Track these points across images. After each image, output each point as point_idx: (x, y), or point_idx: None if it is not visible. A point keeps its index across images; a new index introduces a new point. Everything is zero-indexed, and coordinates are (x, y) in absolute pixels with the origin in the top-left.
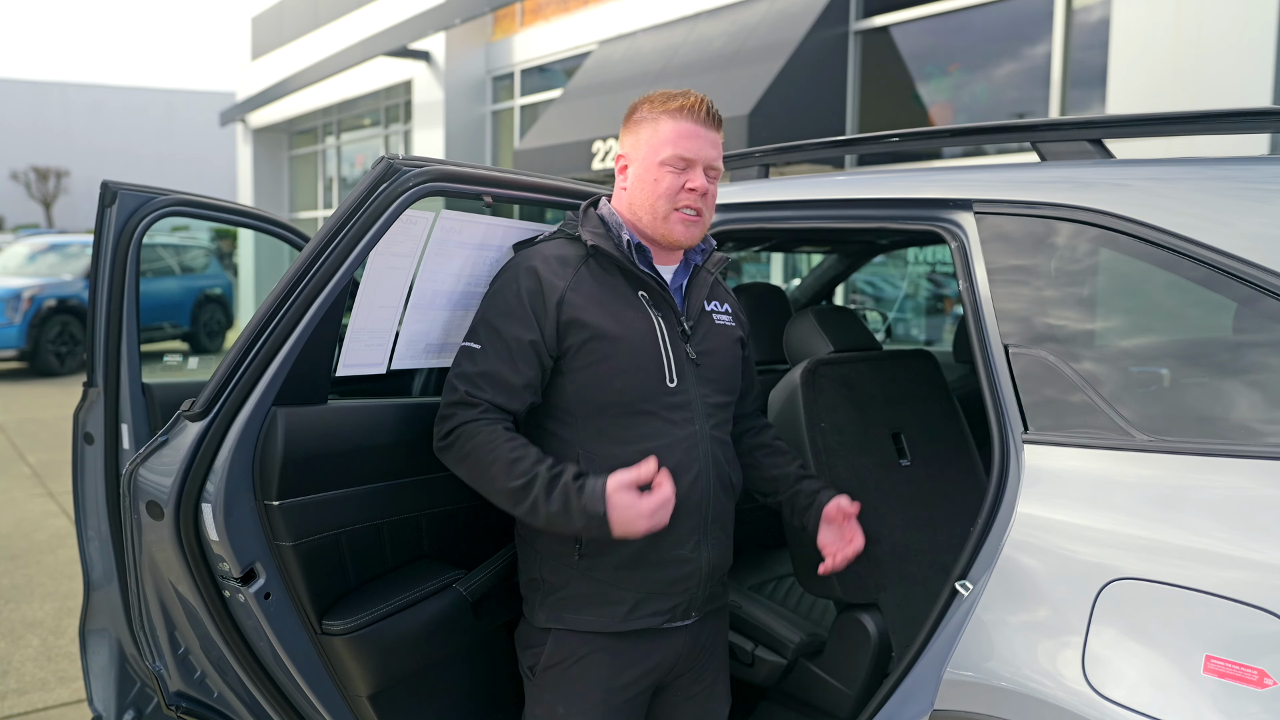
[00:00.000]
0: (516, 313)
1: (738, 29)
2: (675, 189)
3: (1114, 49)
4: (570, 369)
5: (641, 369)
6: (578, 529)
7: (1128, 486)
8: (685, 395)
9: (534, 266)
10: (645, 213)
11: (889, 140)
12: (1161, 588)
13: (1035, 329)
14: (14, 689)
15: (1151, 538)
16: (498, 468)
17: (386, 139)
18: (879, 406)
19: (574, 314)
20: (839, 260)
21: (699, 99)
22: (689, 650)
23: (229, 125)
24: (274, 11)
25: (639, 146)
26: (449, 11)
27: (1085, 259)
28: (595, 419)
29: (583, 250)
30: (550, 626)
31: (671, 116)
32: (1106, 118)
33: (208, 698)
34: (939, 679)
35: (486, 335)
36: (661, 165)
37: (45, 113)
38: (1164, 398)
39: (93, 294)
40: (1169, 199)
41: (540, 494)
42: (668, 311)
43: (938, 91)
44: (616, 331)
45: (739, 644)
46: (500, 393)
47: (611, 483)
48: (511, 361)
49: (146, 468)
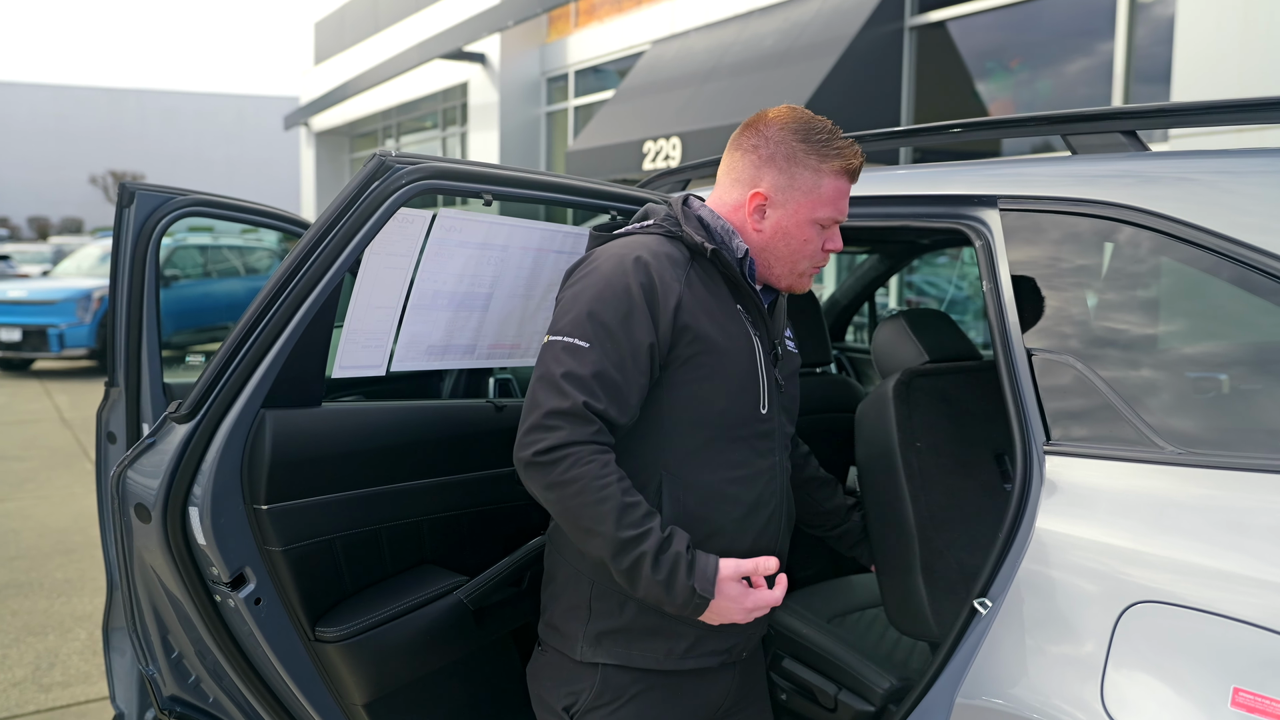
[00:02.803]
0: (632, 310)
1: (790, 26)
2: (819, 249)
3: (1179, 45)
4: (672, 381)
5: (743, 390)
6: (673, 604)
7: (1153, 502)
8: (771, 424)
9: (644, 260)
10: (781, 265)
11: (913, 135)
12: (1188, 612)
13: (1060, 333)
14: (59, 681)
15: (1178, 558)
16: (607, 509)
17: (444, 141)
18: (980, 423)
19: (689, 320)
20: (880, 260)
21: (861, 158)
22: (737, 688)
23: (293, 129)
24: (336, 16)
25: (791, 193)
26: (503, 13)
27: (1115, 259)
28: (688, 439)
29: (687, 252)
30: (598, 661)
31: (836, 175)
32: (1140, 108)
33: (203, 702)
34: (951, 704)
35: (597, 332)
36: (814, 224)
37: (122, 119)
38: (1197, 408)
39: (113, 294)
40: (1210, 195)
41: (649, 554)
42: (762, 332)
43: (998, 88)
44: (726, 345)
45: (820, 686)
46: (615, 403)
47: (727, 569)
48: (626, 366)
49: (134, 469)
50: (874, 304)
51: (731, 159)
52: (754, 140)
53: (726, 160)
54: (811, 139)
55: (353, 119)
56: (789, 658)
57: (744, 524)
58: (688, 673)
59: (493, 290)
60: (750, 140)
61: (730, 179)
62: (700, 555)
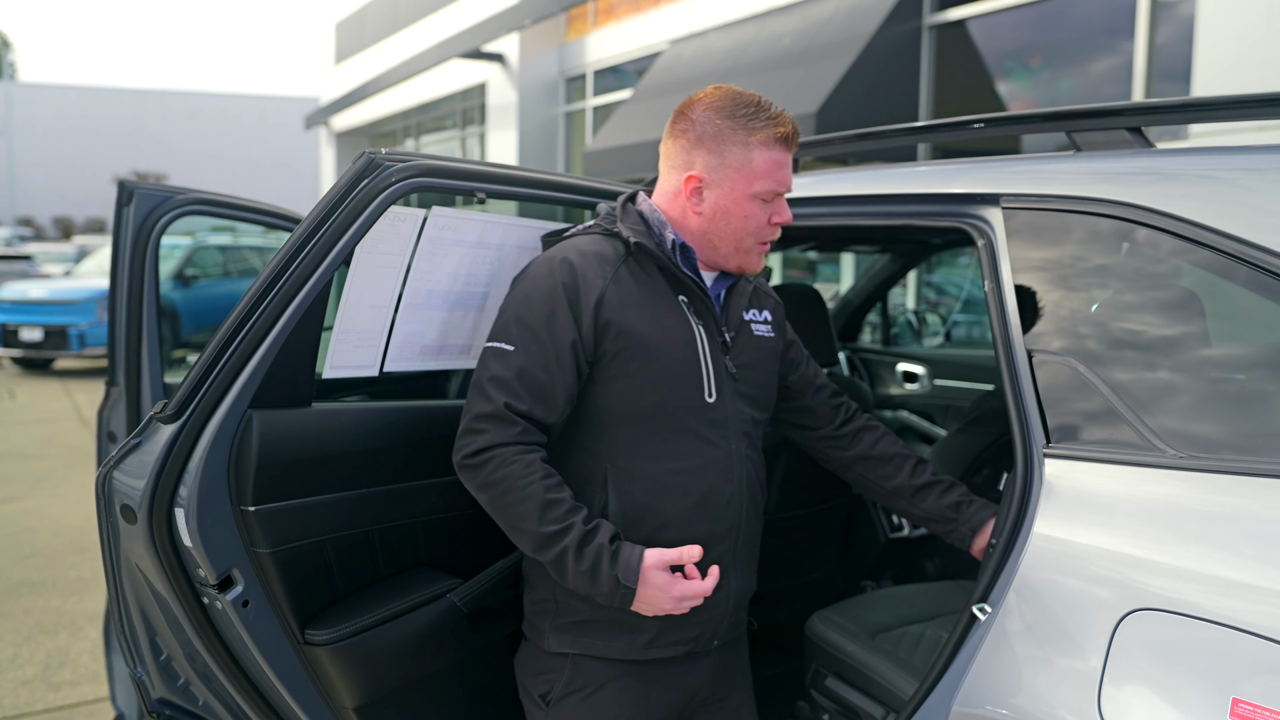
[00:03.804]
0: (554, 310)
1: (807, 25)
2: (764, 223)
3: (1199, 43)
4: (604, 377)
5: (681, 381)
6: (600, 594)
7: (1153, 507)
8: (723, 412)
9: (570, 260)
10: (726, 245)
11: (917, 132)
12: (1187, 621)
13: (1062, 334)
14: (68, 680)
15: (1177, 565)
16: (529, 506)
17: (463, 141)
18: None
19: (612, 316)
20: (892, 260)
21: (792, 124)
22: (712, 678)
23: (313, 129)
24: (356, 17)
25: (724, 172)
26: (521, 12)
27: (1118, 258)
28: (627, 432)
29: (622, 248)
30: (567, 651)
31: (766, 146)
32: (1145, 103)
33: (192, 706)
34: (948, 711)
35: (521, 335)
36: (753, 199)
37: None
38: (1200, 411)
39: (112, 294)
40: (1218, 191)
41: (571, 547)
42: (708, 320)
43: (1018, 87)
44: (656, 338)
45: (867, 709)
46: (540, 403)
47: (651, 558)
48: (550, 365)
49: (120, 470)
50: (886, 304)
51: (666, 147)
52: (683, 125)
53: (662, 149)
54: (736, 115)
55: (373, 119)
56: (833, 676)
57: (695, 515)
58: (657, 662)
59: (489, 289)
60: (680, 125)
61: (667, 166)
62: (625, 546)
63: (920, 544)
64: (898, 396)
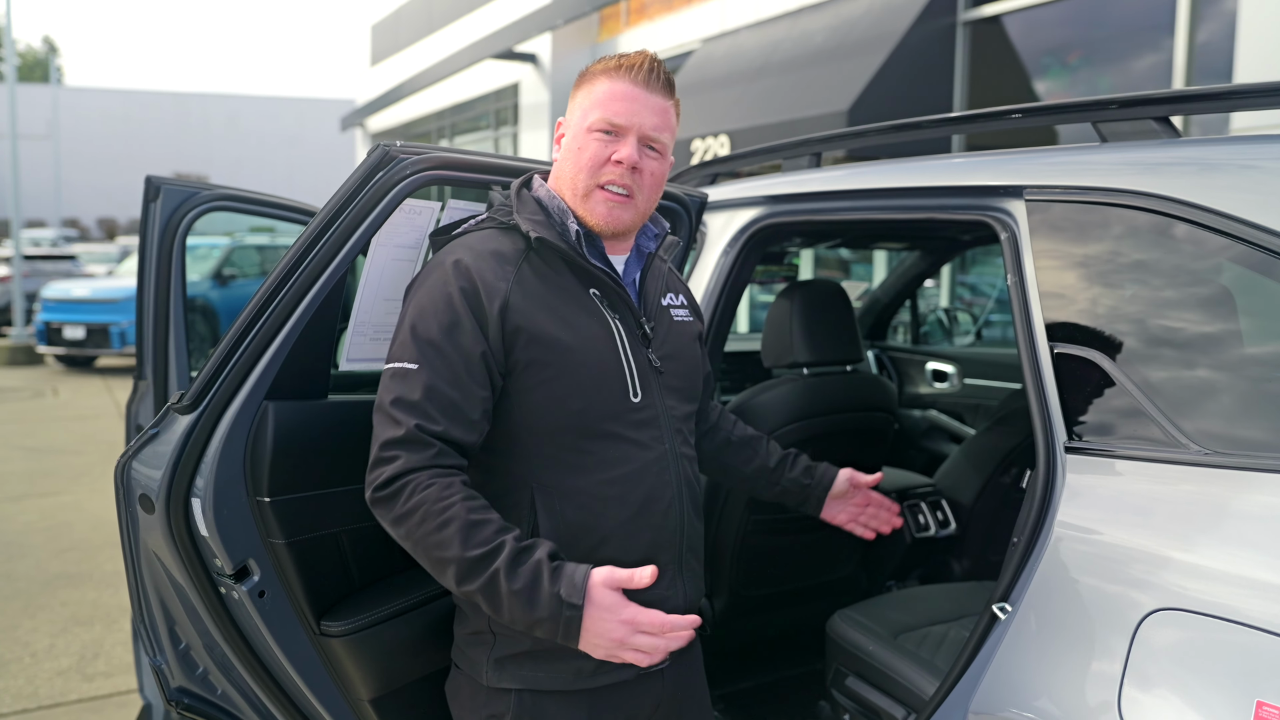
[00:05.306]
0: (457, 320)
1: (840, 23)
2: (600, 160)
3: (1241, 37)
4: (518, 389)
5: (601, 384)
6: (538, 618)
7: (1176, 504)
8: (651, 410)
9: (464, 262)
10: (568, 188)
11: (933, 125)
12: (1211, 621)
13: (1085, 329)
14: (102, 671)
15: (1201, 564)
16: (450, 531)
17: (496, 141)
18: None
19: (520, 321)
20: (921, 258)
21: (644, 56)
22: (668, 695)
23: (349, 130)
24: (392, 18)
25: (573, 113)
26: (554, 12)
27: (1144, 251)
28: (548, 446)
29: (521, 243)
30: (509, 687)
31: (609, 76)
32: (1173, 92)
33: (211, 694)
34: (966, 713)
35: (423, 350)
36: (589, 132)
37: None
38: (1227, 408)
39: (140, 289)
40: (1261, 182)
41: (503, 569)
42: (625, 312)
43: (1056, 84)
44: (571, 341)
45: (887, 709)
46: (455, 423)
47: (600, 574)
48: (460, 380)
49: (138, 460)
50: (916, 302)
51: None
52: None
53: None
54: (594, 63)
55: (408, 120)
56: (854, 675)
57: (634, 526)
58: (608, 687)
59: None
60: None
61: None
62: (568, 563)
63: (947, 544)
64: (927, 395)
